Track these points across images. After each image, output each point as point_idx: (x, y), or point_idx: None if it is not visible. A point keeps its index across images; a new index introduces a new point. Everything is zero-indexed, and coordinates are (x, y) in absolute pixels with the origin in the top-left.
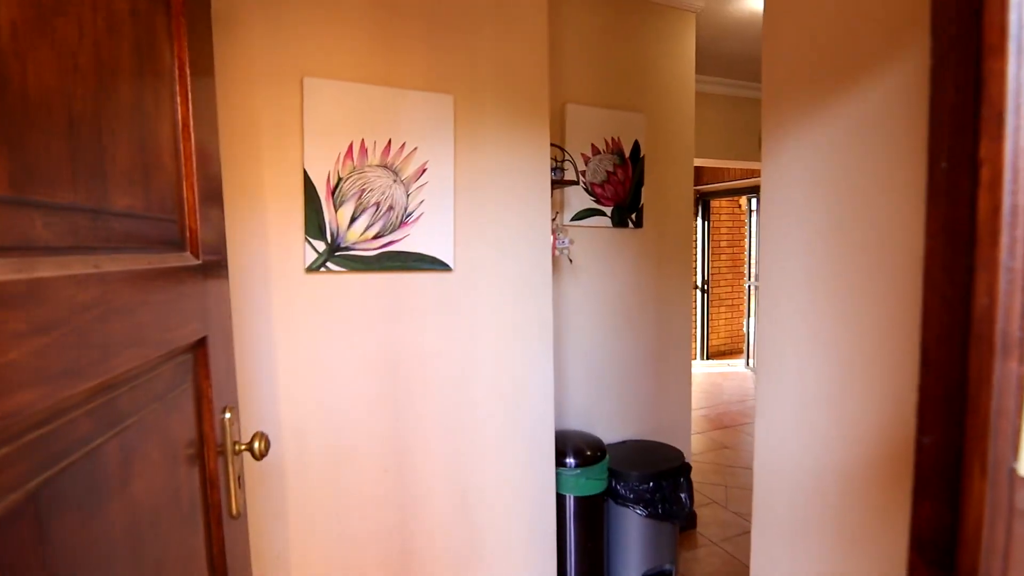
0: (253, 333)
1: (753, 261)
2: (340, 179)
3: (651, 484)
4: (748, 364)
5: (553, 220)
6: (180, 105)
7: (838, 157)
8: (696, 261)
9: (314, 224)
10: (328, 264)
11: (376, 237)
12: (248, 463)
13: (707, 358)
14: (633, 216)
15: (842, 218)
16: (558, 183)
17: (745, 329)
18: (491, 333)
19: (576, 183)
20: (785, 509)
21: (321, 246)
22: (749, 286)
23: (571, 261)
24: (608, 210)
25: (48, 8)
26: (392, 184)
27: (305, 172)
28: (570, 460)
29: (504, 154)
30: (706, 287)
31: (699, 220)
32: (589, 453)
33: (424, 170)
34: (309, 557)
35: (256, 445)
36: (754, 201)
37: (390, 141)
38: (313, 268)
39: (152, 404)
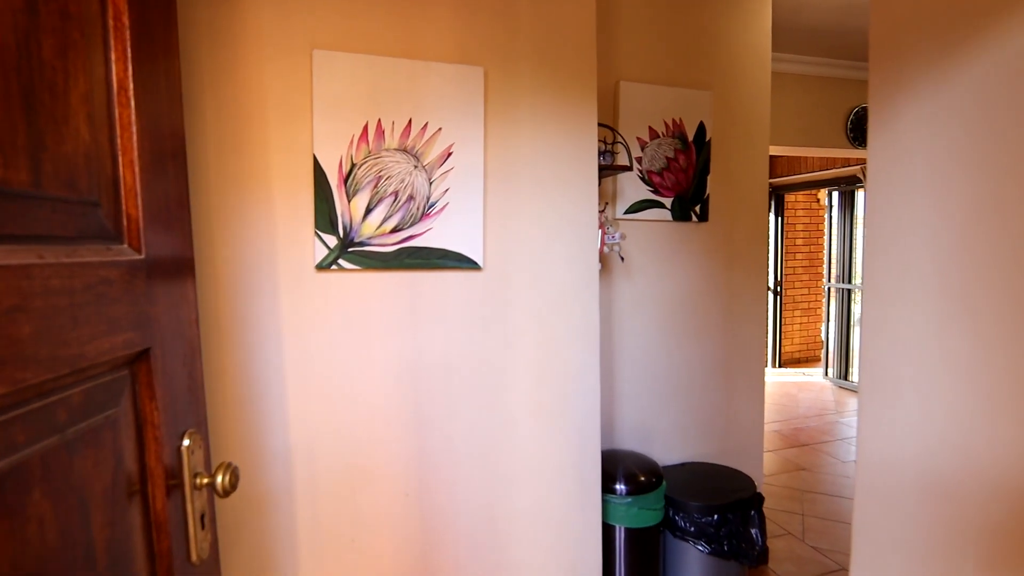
0: (258, 339)
1: (833, 261)
2: (354, 165)
3: (715, 517)
4: (827, 373)
5: (602, 212)
6: (115, 63)
7: (988, 116)
8: (768, 260)
9: (324, 216)
10: (340, 261)
11: (394, 231)
12: (257, 480)
13: (779, 366)
14: (697, 208)
15: (989, 201)
16: (608, 169)
17: (823, 335)
18: (528, 340)
19: (629, 168)
20: (899, 568)
21: (332, 241)
22: (828, 288)
23: (622, 259)
24: (668, 201)
25: None
26: (413, 170)
27: (315, 157)
28: (620, 486)
29: (543, 135)
30: (779, 289)
31: (771, 216)
32: (643, 479)
33: (449, 154)
34: None
35: (220, 479)
36: (835, 195)
37: (410, 121)
38: (323, 266)
39: (41, 442)
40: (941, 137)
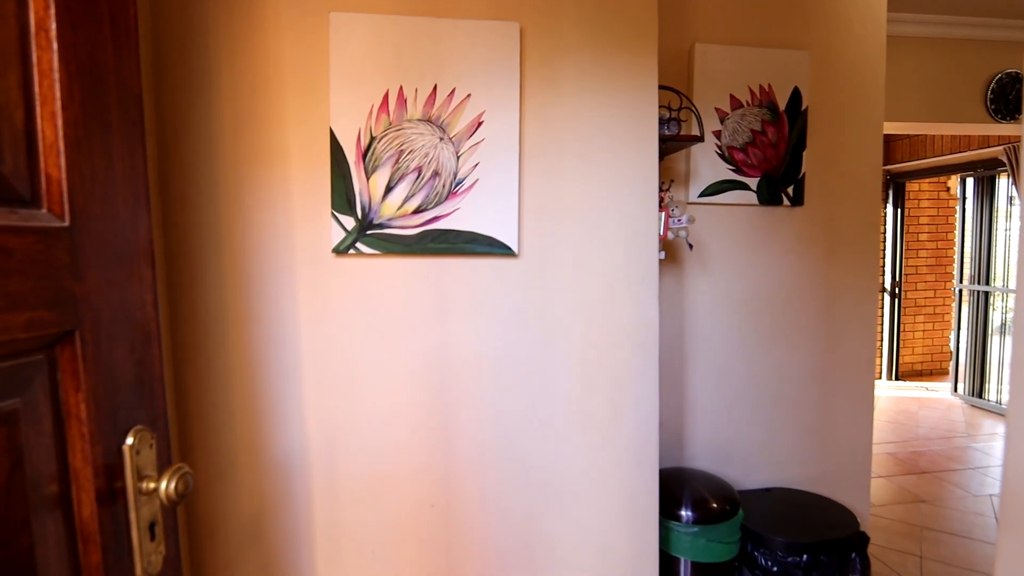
0: (272, 329)
1: (966, 259)
2: (373, 138)
3: (805, 557)
4: (955, 389)
5: (666, 190)
6: None
7: None
8: (884, 256)
9: (341, 195)
10: (358, 245)
11: (417, 211)
12: (272, 482)
13: (896, 378)
14: (790, 189)
15: None
16: (673, 140)
17: (952, 345)
18: (571, 339)
19: (700, 139)
20: None
21: (350, 223)
22: (959, 290)
23: (691, 246)
24: (753, 182)
25: None
26: (438, 143)
27: (331, 131)
28: (686, 512)
29: (591, 100)
30: (897, 290)
31: (889, 207)
32: (714, 505)
33: (479, 124)
34: None
35: (164, 485)
36: (970, 182)
37: (435, 87)
38: (340, 250)
39: None
40: None
